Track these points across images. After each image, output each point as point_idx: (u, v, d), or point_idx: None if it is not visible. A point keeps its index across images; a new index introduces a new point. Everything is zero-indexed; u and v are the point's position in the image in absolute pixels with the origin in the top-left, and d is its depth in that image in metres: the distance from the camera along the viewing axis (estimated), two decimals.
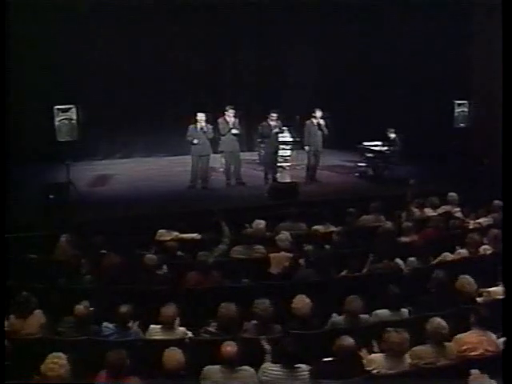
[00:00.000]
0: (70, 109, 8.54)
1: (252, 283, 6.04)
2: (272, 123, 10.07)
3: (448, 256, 6.68)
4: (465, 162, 9.47)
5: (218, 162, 10.81)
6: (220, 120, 9.92)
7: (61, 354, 3.96)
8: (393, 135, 10.36)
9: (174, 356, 4.04)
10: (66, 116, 8.46)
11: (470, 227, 7.64)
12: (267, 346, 4.50)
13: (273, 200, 9.05)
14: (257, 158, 11.91)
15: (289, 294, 5.26)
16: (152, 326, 4.93)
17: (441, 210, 8.28)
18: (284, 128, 10.92)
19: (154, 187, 9.84)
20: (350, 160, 11.66)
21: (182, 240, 7.06)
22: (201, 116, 9.68)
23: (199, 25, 12.24)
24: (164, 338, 4.80)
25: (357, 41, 12.13)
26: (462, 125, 9.89)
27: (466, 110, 9.93)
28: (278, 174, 10.38)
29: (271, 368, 4.18)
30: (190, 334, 4.90)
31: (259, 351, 4.51)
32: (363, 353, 4.41)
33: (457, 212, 8.25)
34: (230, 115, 9.84)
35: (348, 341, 4.22)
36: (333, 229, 7.53)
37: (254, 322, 4.89)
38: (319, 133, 10.14)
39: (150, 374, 4.13)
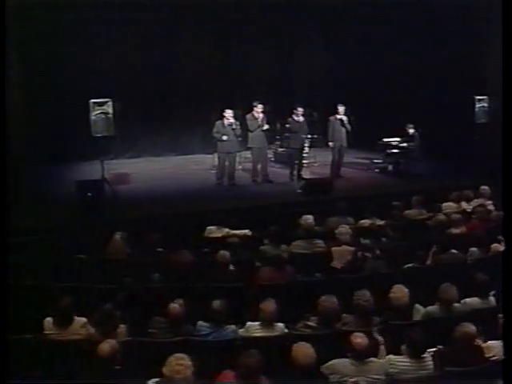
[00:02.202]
0: (105, 102, 8.16)
1: (325, 277, 5.95)
2: (299, 119, 9.99)
3: (498, 247, 6.77)
4: (488, 157, 9.61)
5: None
6: (248, 116, 9.75)
7: (184, 355, 3.73)
8: (411, 131, 10.43)
9: (304, 351, 3.88)
10: (102, 110, 8.07)
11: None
12: (380, 338, 4.41)
13: (307, 196, 8.96)
14: (271, 156, 11.77)
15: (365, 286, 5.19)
16: (249, 323, 4.74)
17: (474, 203, 8.42)
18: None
19: (180, 185, 9.59)
20: (364, 157, 11.70)
21: (234, 236, 6.90)
22: (229, 112, 9.51)
23: (213, 23, 12.04)
24: (265, 335, 4.63)
25: (373, 38, 12.16)
26: (482, 120, 9.98)
27: (485, 105, 9.98)
28: (303, 172, 10.29)
29: (398, 360, 4.08)
30: (285, 329, 4.76)
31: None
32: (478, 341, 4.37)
33: (489, 205, 8.40)
34: (258, 111, 9.69)
35: (471, 328, 4.17)
36: (380, 222, 7.56)
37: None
38: (343, 129, 10.15)
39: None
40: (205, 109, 12.46)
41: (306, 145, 10.34)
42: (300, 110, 9.95)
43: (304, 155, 11.18)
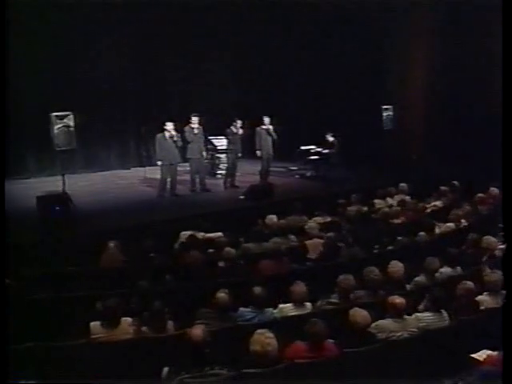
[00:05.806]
0: (67, 116, 7.91)
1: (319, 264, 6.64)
2: (238, 131, 10.57)
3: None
4: (396, 159, 11.08)
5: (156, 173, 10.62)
6: (186, 128, 10.07)
7: (265, 330, 4.07)
8: (331, 138, 11.55)
9: (362, 314, 4.47)
10: (63, 124, 7.81)
11: (428, 211, 9.15)
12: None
13: (250, 201, 9.55)
14: None
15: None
16: (281, 305, 5.22)
17: (397, 199, 9.70)
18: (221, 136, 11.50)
19: (125, 199, 9.64)
20: (280, 166, 12.48)
21: (209, 239, 7.29)
22: (169, 125, 9.76)
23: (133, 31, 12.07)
24: (299, 314, 5.15)
25: (290, 48, 12.91)
26: (389, 127, 11.43)
27: (391, 113, 11.42)
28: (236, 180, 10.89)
29: (424, 315, 4.88)
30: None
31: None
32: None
33: (408, 199, 9.76)
34: (194, 123, 10.06)
35: (471, 285, 5.14)
36: (329, 219, 8.47)
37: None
38: (269, 138, 10.89)
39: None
40: (120, 124, 12.51)
41: (240, 155, 10.93)
42: (239, 122, 10.53)
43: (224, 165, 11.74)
